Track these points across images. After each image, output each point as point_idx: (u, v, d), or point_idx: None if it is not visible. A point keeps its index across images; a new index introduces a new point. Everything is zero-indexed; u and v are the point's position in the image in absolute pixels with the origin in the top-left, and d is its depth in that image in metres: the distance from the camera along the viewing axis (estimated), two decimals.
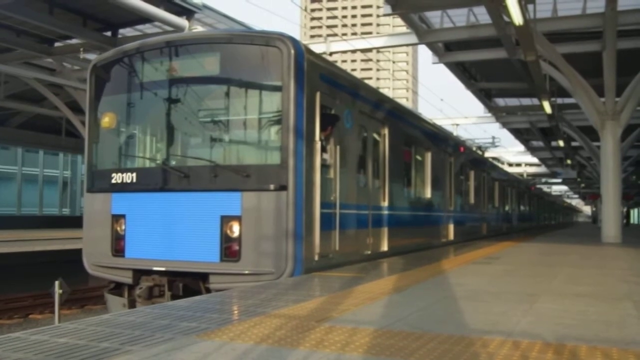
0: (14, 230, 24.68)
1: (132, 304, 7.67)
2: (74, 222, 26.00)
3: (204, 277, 7.41)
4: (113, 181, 8.09)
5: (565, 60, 17.47)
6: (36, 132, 29.43)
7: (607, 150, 18.17)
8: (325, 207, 7.94)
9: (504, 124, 33.00)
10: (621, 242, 17.65)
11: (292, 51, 7.36)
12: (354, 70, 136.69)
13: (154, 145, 8.46)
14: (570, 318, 4.68)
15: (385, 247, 10.37)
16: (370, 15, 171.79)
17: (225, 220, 7.29)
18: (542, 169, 55.23)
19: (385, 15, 16.78)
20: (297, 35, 9.30)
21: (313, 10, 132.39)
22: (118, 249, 8.00)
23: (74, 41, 18.28)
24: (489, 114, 32.06)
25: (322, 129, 7.94)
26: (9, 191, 36.18)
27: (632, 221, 73.06)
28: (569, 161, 38.04)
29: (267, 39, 7.55)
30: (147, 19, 15.66)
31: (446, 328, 4.18)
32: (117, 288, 8.18)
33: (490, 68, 23.28)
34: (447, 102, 44.71)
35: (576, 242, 18.29)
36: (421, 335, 3.93)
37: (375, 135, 10.33)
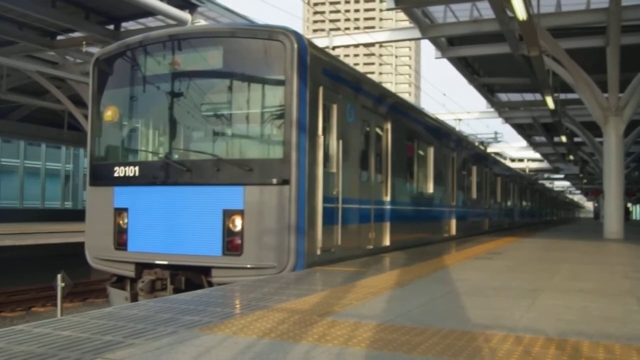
0: (16, 224, 24.72)
1: (134, 298, 7.69)
2: (76, 215, 26.05)
3: (206, 271, 7.42)
4: (115, 175, 8.09)
5: (568, 55, 17.40)
6: (38, 125, 29.43)
7: (609, 146, 18.14)
8: (328, 201, 7.94)
9: (507, 119, 32.92)
10: (623, 238, 17.64)
11: (295, 45, 7.34)
12: (356, 64, 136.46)
13: (157, 138, 8.46)
14: (572, 314, 4.68)
15: (387, 242, 10.37)
16: (373, 9, 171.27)
17: (228, 214, 7.30)
18: (545, 165, 55.14)
19: (388, 9, 16.69)
20: (299, 29, 9.28)
21: (316, 4, 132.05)
22: (120, 243, 8.01)
23: (76, 34, 18.25)
24: (492, 109, 31.98)
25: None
26: (12, 184, 36.18)
27: (633, 217, 72.93)
28: (571, 157, 37.97)
29: (270, 33, 7.53)
30: (149, 12, 15.61)
31: (448, 323, 4.18)
32: (120, 281, 8.20)
33: (493, 63, 23.21)
34: (449, 97, 44.72)
35: (578, 238, 18.28)
36: (423, 330, 3.94)
37: (378, 130, 10.32)
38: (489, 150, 32.77)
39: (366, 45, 22.25)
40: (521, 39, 15.08)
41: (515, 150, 51.21)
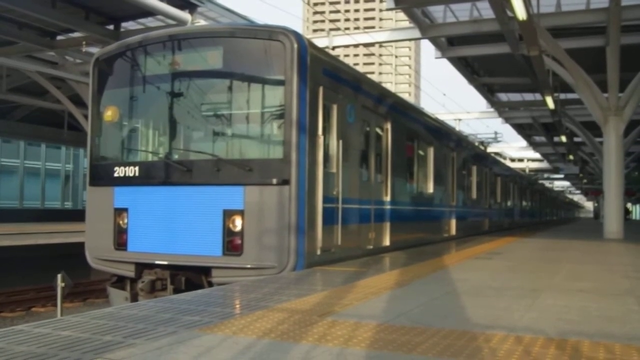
0: (16, 224, 24.72)
1: (134, 298, 7.69)
2: (76, 215, 26.04)
3: (206, 271, 7.42)
4: (116, 175, 8.09)
5: (568, 55, 17.40)
6: (38, 126, 29.43)
7: (609, 146, 18.13)
8: (328, 201, 7.94)
9: (507, 119, 32.91)
10: (623, 238, 17.63)
11: (295, 45, 7.34)
12: (356, 64, 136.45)
13: (157, 139, 8.46)
14: (572, 314, 4.68)
15: (387, 242, 10.37)
16: (373, 9, 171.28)
17: (228, 214, 7.30)
18: (545, 165, 55.15)
19: (388, 9, 16.68)
20: (299, 30, 9.28)
21: (316, 4, 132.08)
22: (120, 243, 8.01)
23: (76, 34, 18.24)
24: (492, 109, 31.98)
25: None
26: (12, 184, 36.20)
27: (633, 217, 72.90)
28: (571, 157, 37.95)
29: (270, 33, 7.53)
30: (149, 12, 15.61)
31: (448, 323, 4.18)
32: (120, 281, 8.20)
33: (493, 63, 23.21)
34: (449, 97, 44.76)
35: (578, 238, 18.28)
36: (423, 330, 3.94)
37: (378, 130, 10.32)
38: (489, 150, 32.78)
39: (366, 45, 22.24)
40: (521, 38, 15.09)
41: (515, 150, 51.22)
